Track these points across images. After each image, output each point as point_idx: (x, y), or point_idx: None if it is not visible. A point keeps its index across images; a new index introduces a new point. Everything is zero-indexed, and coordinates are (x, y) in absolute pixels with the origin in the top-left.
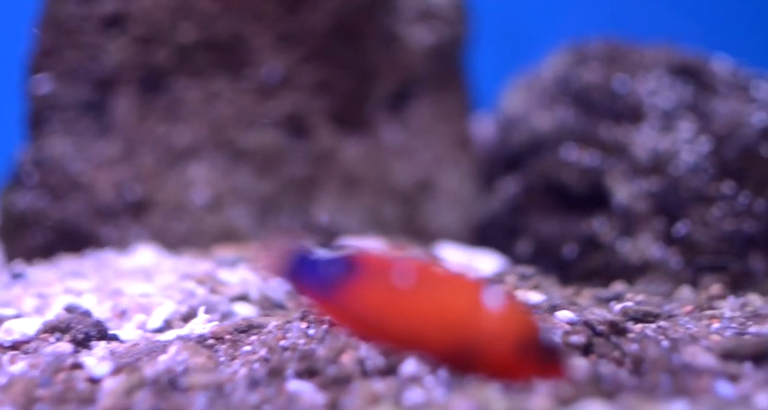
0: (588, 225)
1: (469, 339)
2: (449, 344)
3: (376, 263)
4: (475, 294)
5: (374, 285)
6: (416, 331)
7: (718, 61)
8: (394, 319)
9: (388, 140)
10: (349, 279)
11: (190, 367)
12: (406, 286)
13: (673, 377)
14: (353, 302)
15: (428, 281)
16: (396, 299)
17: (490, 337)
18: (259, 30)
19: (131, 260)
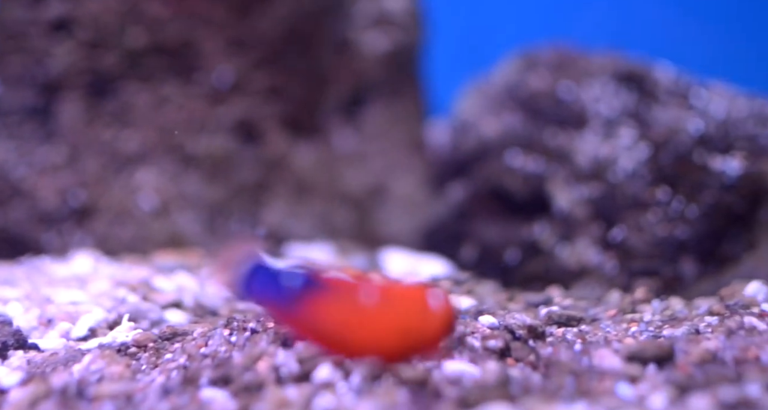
0: (529, 231)
1: (420, 336)
2: (406, 345)
3: (339, 282)
4: (423, 301)
5: (339, 301)
6: (378, 339)
7: (661, 68)
8: (358, 331)
9: (341, 146)
10: (311, 294)
11: (106, 376)
12: (370, 303)
13: (577, 379)
14: (317, 316)
15: (388, 297)
16: (360, 313)
17: (433, 332)
18: (210, 35)
19: (67, 268)
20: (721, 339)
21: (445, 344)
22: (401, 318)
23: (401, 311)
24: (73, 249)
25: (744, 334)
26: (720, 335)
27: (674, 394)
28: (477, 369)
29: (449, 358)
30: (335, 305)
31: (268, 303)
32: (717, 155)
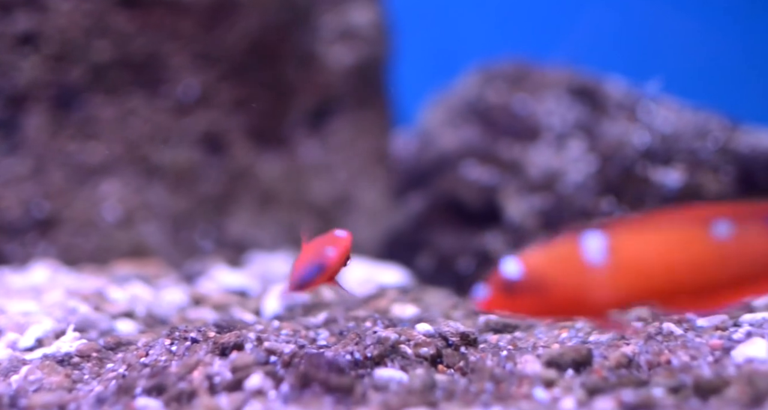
0: (482, 240)
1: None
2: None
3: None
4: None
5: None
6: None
7: (612, 82)
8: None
9: (306, 157)
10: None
11: (44, 386)
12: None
13: (497, 384)
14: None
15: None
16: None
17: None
18: (176, 48)
19: (24, 278)
20: (639, 344)
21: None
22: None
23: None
24: (35, 260)
25: (661, 339)
26: (639, 340)
27: (583, 397)
28: (405, 376)
29: (383, 366)
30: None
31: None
32: (659, 168)
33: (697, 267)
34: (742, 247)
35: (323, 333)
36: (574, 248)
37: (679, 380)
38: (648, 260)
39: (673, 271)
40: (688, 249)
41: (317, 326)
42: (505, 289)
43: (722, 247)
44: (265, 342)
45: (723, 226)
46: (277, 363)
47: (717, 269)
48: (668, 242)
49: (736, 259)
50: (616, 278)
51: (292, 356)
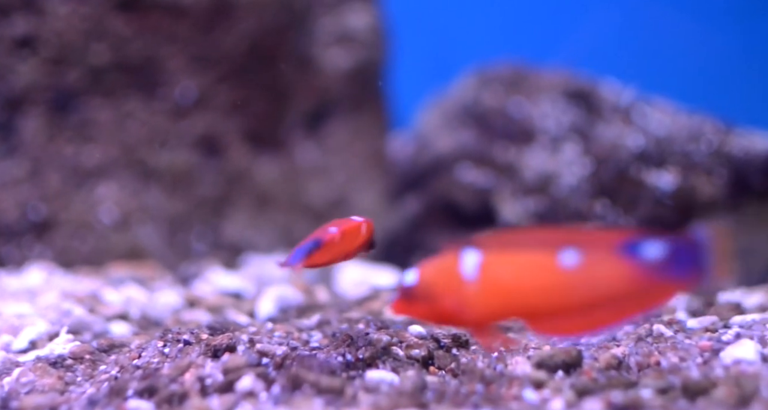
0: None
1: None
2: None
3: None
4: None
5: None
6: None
7: (607, 85)
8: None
9: (303, 160)
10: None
11: (36, 389)
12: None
13: (487, 386)
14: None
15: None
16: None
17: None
18: (174, 52)
19: (20, 281)
20: (630, 346)
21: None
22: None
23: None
24: (31, 262)
25: (651, 341)
26: (630, 342)
27: (572, 398)
28: (396, 377)
29: (374, 367)
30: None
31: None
32: (653, 170)
33: (545, 292)
34: (588, 275)
35: (316, 335)
36: (454, 263)
37: (667, 381)
38: (506, 281)
39: (525, 294)
40: (537, 275)
41: (310, 328)
42: (405, 296)
43: (568, 275)
44: (258, 344)
45: (571, 254)
46: (269, 364)
47: (563, 295)
48: (522, 265)
49: (583, 287)
50: (483, 294)
51: (284, 358)
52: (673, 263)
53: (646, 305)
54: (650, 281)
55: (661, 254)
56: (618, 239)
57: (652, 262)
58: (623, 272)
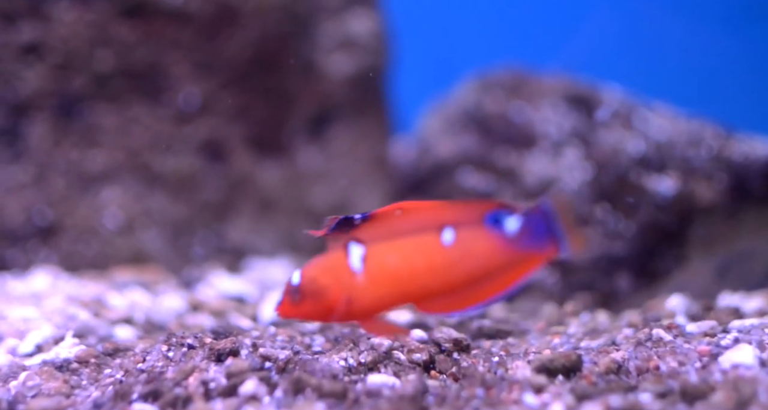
0: None
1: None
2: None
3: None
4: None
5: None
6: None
7: (608, 90)
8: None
9: (306, 164)
10: None
11: (42, 392)
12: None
13: (487, 390)
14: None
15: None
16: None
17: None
18: (178, 58)
19: (25, 285)
20: (629, 351)
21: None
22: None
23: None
24: (36, 266)
25: (650, 345)
26: (630, 346)
27: (572, 402)
28: (398, 381)
29: (376, 371)
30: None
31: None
32: (653, 175)
33: (432, 272)
34: (466, 251)
35: (318, 339)
36: (341, 258)
37: (666, 385)
38: (394, 267)
39: (414, 276)
40: (424, 256)
41: (313, 332)
42: (292, 296)
43: (449, 252)
44: (261, 348)
45: (449, 232)
46: (272, 368)
47: (448, 272)
48: (408, 249)
49: (463, 262)
50: (373, 284)
51: (287, 362)
52: (530, 234)
53: (517, 276)
54: (516, 253)
55: (518, 226)
56: (483, 213)
57: (513, 234)
58: (494, 245)
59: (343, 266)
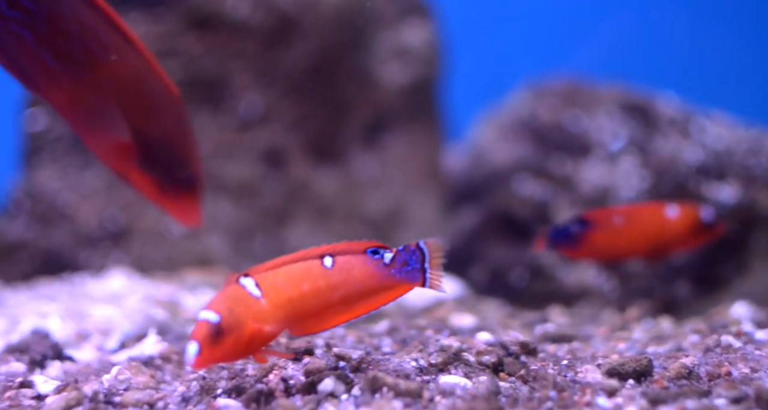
0: (534, 254)
1: None
2: None
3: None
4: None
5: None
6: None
7: (664, 99)
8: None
9: (361, 172)
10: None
11: (132, 385)
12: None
13: (560, 392)
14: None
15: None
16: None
17: None
18: (240, 68)
19: (103, 285)
20: (698, 356)
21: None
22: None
23: None
24: (109, 267)
25: (720, 351)
26: (698, 352)
27: (646, 406)
28: (469, 382)
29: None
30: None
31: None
32: (713, 184)
33: (317, 292)
34: (344, 274)
35: (386, 341)
36: (238, 289)
37: (740, 391)
38: (286, 288)
39: (304, 296)
40: (310, 277)
41: (380, 334)
42: (213, 337)
43: (331, 275)
44: (334, 348)
45: (328, 259)
46: (346, 368)
47: (329, 293)
48: (295, 272)
49: (342, 284)
50: (274, 307)
51: (359, 362)
52: (403, 265)
53: (386, 299)
54: (389, 279)
55: (392, 257)
56: (363, 248)
57: (388, 263)
58: (369, 271)
59: (244, 295)
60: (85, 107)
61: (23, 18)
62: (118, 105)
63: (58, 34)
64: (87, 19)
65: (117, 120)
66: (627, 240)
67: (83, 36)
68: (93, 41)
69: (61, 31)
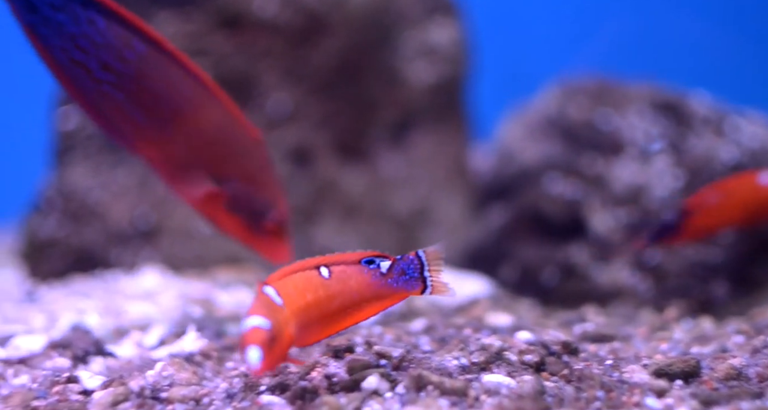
0: (566, 253)
1: None
2: None
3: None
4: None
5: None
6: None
7: (696, 97)
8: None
9: (388, 171)
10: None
11: (175, 381)
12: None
13: (607, 393)
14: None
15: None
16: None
17: None
18: (268, 67)
19: (137, 282)
20: (746, 357)
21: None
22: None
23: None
24: (140, 265)
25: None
26: (745, 353)
27: (698, 407)
28: (513, 381)
29: (488, 371)
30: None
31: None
32: None
33: (318, 303)
34: (341, 284)
35: (424, 339)
36: (266, 298)
37: None
38: (300, 297)
39: (309, 307)
40: (311, 289)
41: (417, 332)
42: (270, 342)
43: (328, 285)
44: (375, 346)
45: (325, 270)
46: (387, 366)
47: (330, 301)
48: (301, 282)
49: (339, 294)
50: (293, 315)
51: (401, 359)
52: (401, 274)
53: (382, 307)
54: (386, 288)
55: (389, 266)
56: (359, 258)
57: (385, 272)
58: (365, 281)
59: (273, 304)
60: (174, 159)
61: (115, 80)
62: (204, 154)
63: (146, 93)
64: (172, 76)
65: (204, 169)
66: (726, 215)
67: (169, 92)
68: (178, 96)
69: (149, 90)
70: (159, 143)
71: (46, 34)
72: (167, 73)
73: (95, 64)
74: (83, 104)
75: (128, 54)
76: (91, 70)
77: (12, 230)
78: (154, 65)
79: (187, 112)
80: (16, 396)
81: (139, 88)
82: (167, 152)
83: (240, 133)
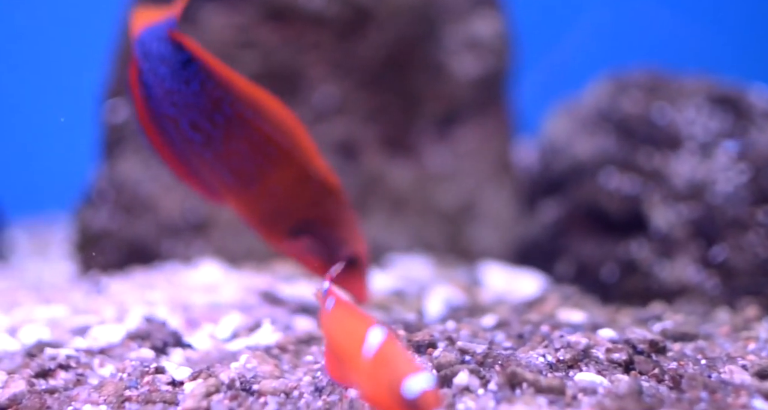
0: (626, 249)
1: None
2: None
3: None
4: None
5: None
6: None
7: (756, 91)
8: None
9: (434, 164)
10: None
11: (259, 374)
12: None
13: (711, 394)
14: None
15: None
16: None
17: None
18: (316, 60)
19: (197, 274)
20: None
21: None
22: None
23: None
24: (193, 258)
25: None
26: None
27: None
28: (606, 380)
29: (576, 369)
30: None
31: None
32: None
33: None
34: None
35: (500, 335)
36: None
37: None
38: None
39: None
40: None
41: (491, 328)
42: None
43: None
44: (458, 342)
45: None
46: (471, 362)
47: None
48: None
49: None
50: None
51: (484, 356)
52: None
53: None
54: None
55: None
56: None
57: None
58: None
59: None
60: (260, 210)
61: (204, 140)
62: (287, 207)
63: (232, 153)
64: (256, 137)
65: (288, 220)
66: None
67: (253, 152)
68: (261, 156)
69: (235, 150)
70: (244, 198)
71: (149, 83)
72: (252, 136)
73: (186, 123)
74: (169, 158)
75: (217, 117)
76: (180, 128)
77: (65, 222)
78: (241, 128)
79: (271, 171)
80: (108, 385)
81: (227, 149)
82: (252, 206)
83: (319, 181)
